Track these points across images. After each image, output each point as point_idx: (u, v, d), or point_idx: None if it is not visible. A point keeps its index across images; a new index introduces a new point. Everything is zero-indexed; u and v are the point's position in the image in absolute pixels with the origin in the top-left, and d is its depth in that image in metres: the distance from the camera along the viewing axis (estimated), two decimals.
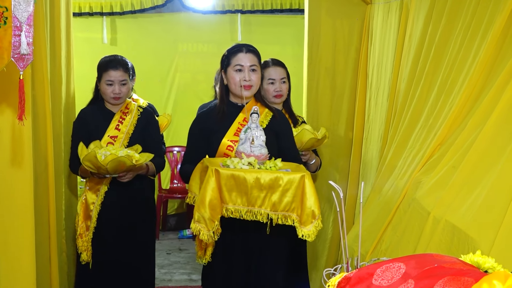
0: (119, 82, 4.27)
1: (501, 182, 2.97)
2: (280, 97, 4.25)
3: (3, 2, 2.45)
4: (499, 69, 3.26)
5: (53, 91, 4.42)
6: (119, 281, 4.35)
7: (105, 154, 3.96)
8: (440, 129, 3.61)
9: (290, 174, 3.12)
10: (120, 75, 4.29)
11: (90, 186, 4.34)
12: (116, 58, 4.40)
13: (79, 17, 7.70)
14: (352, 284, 1.94)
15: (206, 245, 3.37)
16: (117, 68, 4.29)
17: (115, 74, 4.27)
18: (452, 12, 3.81)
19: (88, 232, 4.29)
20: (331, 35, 5.32)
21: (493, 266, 1.97)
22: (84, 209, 4.33)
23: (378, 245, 3.83)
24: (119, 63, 4.33)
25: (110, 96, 4.29)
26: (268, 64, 4.33)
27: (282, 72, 4.30)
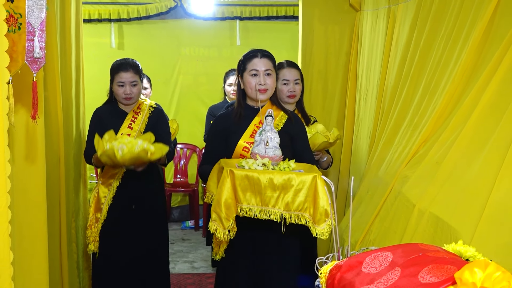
0: (130, 83, 4.27)
1: (481, 177, 2.97)
2: (293, 97, 4.18)
3: (17, 9, 2.44)
4: (479, 72, 3.26)
5: (64, 92, 4.42)
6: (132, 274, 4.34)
7: (121, 148, 3.90)
8: (424, 127, 3.61)
9: (302, 175, 3.04)
10: (131, 76, 4.29)
11: (102, 181, 4.33)
12: (127, 61, 4.38)
13: (89, 23, 7.70)
14: (343, 271, 1.94)
15: (220, 242, 3.35)
16: (127, 70, 4.29)
17: (126, 75, 4.27)
18: (435, 18, 3.81)
19: (97, 224, 4.29)
20: (323, 40, 5.33)
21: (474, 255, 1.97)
22: (95, 202, 4.33)
23: (367, 235, 3.83)
24: (129, 65, 4.32)
25: (122, 97, 4.29)
26: (283, 65, 4.29)
27: (296, 73, 4.25)
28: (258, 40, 7.80)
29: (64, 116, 4.39)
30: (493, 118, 3.09)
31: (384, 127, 4.33)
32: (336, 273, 1.96)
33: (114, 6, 7.95)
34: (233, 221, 3.04)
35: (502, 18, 3.20)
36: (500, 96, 3.10)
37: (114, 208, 4.30)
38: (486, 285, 1.56)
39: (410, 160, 3.68)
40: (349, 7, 5.27)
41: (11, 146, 2.49)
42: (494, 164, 2.93)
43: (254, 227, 3.25)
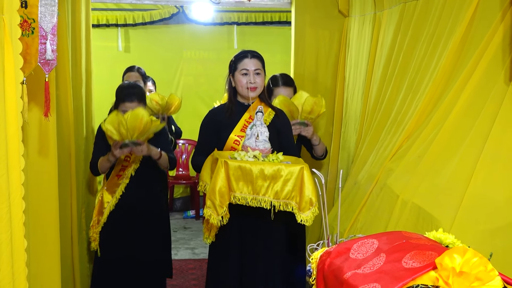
0: None
1: (460, 170, 2.97)
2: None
3: (30, 14, 2.43)
4: (458, 74, 3.26)
5: (75, 91, 4.41)
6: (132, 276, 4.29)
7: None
8: (407, 124, 3.60)
9: (290, 166, 3.11)
10: (135, 105, 4.12)
11: (107, 187, 4.28)
12: (133, 90, 4.22)
13: (97, 28, 7.69)
14: (332, 257, 1.94)
15: (211, 227, 3.36)
16: (132, 100, 4.14)
17: (131, 105, 4.11)
18: (417, 24, 3.81)
19: (98, 225, 4.27)
20: (314, 43, 5.32)
21: (453, 242, 1.96)
22: (99, 205, 4.30)
23: (355, 223, 3.83)
24: (134, 95, 4.17)
25: None
26: (277, 83, 4.28)
27: (290, 92, 4.25)
28: (254, 44, 7.79)
29: (75, 114, 4.38)
30: (470, 116, 3.09)
31: (370, 124, 4.33)
32: (326, 259, 1.95)
33: (121, 12, 7.95)
34: (226, 208, 3.08)
35: (478, 24, 3.20)
36: (476, 96, 3.11)
37: (114, 213, 4.24)
38: (464, 270, 1.56)
39: (394, 154, 3.67)
40: (338, 13, 5.27)
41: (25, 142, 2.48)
42: (472, 158, 2.93)
43: (244, 214, 3.28)
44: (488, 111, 2.98)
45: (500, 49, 3.03)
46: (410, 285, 1.63)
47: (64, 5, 3.97)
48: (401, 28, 4.03)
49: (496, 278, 1.56)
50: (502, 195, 2.79)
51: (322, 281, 1.95)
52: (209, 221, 3.15)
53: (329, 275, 1.90)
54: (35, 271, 2.88)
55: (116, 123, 3.82)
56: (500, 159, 2.87)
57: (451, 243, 1.96)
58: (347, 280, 1.75)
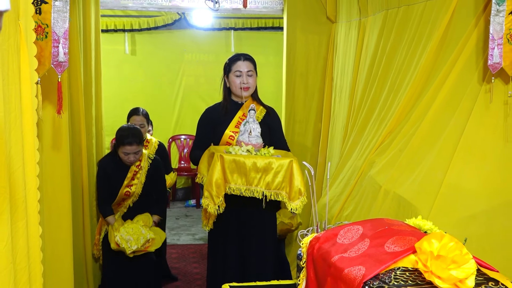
0: (133, 154, 4.19)
1: (437, 162, 2.97)
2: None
3: (44, 20, 2.43)
4: (436, 74, 3.26)
5: (86, 90, 4.40)
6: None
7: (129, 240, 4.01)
8: (389, 121, 3.60)
9: (280, 159, 3.14)
10: (135, 148, 4.17)
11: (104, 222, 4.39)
12: (132, 134, 4.21)
13: (106, 33, 7.66)
14: (321, 242, 1.94)
15: (209, 216, 3.36)
16: (132, 144, 4.15)
17: (130, 148, 4.16)
18: (399, 29, 3.80)
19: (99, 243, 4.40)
20: (304, 47, 5.32)
21: (431, 228, 1.97)
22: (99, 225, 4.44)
23: (341, 211, 3.83)
24: (133, 139, 4.17)
25: (126, 162, 4.22)
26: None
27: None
28: (249, 47, 7.79)
29: (86, 111, 4.38)
30: (447, 113, 3.10)
31: (355, 120, 4.33)
32: (315, 244, 1.95)
33: (128, 18, 7.93)
34: (222, 198, 3.13)
35: (454, 30, 3.20)
36: (453, 94, 3.11)
37: None
38: (441, 254, 1.56)
39: (377, 148, 3.67)
40: (326, 19, 5.26)
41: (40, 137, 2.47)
42: (448, 151, 2.94)
43: (239, 203, 3.31)
44: (463, 109, 2.99)
45: (474, 52, 3.03)
46: (392, 267, 1.63)
47: (75, 12, 3.96)
48: (384, 33, 4.03)
49: (471, 261, 1.57)
50: (475, 185, 2.80)
51: (311, 264, 1.95)
52: (207, 210, 3.18)
53: (318, 258, 1.90)
54: (49, 256, 2.87)
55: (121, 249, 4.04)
56: (474, 152, 2.88)
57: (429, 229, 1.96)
58: (335, 263, 1.75)
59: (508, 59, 2.74)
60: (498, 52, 2.74)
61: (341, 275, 1.68)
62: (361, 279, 1.59)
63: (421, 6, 3.52)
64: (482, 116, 2.90)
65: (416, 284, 1.56)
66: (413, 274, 1.60)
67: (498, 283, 1.60)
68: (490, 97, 2.85)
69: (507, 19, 2.73)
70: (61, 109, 2.61)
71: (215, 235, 3.57)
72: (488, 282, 1.60)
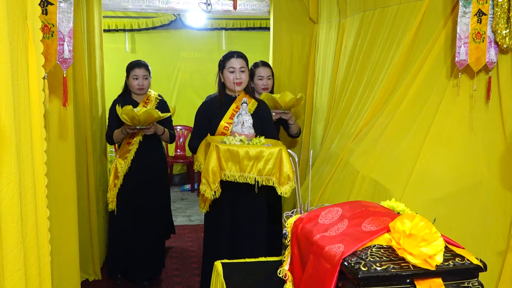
0: (142, 77, 4.25)
1: (409, 150, 2.98)
2: (266, 89, 4.24)
3: (50, 20, 2.40)
4: (408, 70, 3.26)
5: (90, 85, 4.38)
6: (141, 222, 4.30)
7: (137, 110, 3.94)
8: (366, 113, 3.60)
9: (271, 148, 3.15)
10: (143, 71, 4.27)
11: (120, 155, 4.29)
12: (140, 61, 4.36)
13: (108, 33, 7.61)
14: (304, 222, 1.94)
15: (205, 200, 3.39)
16: (140, 67, 4.28)
17: (139, 71, 4.25)
18: (374, 30, 3.80)
19: (115, 188, 4.27)
20: (289, 46, 5.31)
21: (404, 209, 1.97)
22: (114, 171, 4.30)
23: (323, 195, 3.83)
24: (142, 64, 4.31)
25: (136, 88, 4.25)
26: (258, 65, 4.34)
27: (269, 71, 4.29)
28: (239, 46, 7.72)
29: (90, 104, 4.35)
30: (418, 105, 3.10)
31: (335, 112, 4.33)
32: (299, 224, 1.95)
33: (128, 19, 7.87)
34: (218, 184, 3.13)
35: (425, 30, 3.20)
36: (423, 89, 3.12)
37: (128, 176, 4.26)
38: (413, 232, 1.56)
39: (355, 137, 3.67)
40: (309, 20, 5.25)
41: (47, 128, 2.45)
42: (419, 140, 2.95)
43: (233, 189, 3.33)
44: (433, 102, 3.00)
45: (443, 50, 3.03)
46: (368, 245, 1.63)
47: (79, 13, 3.93)
48: (361, 33, 4.02)
49: (439, 239, 1.57)
50: (443, 171, 2.81)
51: (295, 242, 1.95)
52: (204, 195, 3.19)
53: (301, 237, 1.90)
54: (56, 236, 2.87)
55: (131, 117, 3.89)
56: (442, 141, 2.89)
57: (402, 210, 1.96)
58: (316, 242, 1.75)
59: (473, 56, 2.74)
60: (464, 50, 2.75)
61: (322, 252, 1.68)
62: (340, 256, 1.59)
63: (395, 8, 3.52)
64: (450, 108, 2.90)
65: (390, 260, 1.56)
66: (387, 251, 1.60)
67: (464, 259, 1.61)
68: (457, 91, 2.85)
69: (473, 20, 2.73)
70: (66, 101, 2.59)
71: (211, 217, 3.58)
72: (455, 258, 1.60)
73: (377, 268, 1.52)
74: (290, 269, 1.99)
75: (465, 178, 2.75)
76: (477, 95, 2.81)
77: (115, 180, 4.29)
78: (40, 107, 2.02)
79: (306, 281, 1.77)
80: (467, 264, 1.59)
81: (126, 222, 4.29)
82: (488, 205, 2.68)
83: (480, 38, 2.74)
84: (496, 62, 2.74)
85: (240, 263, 2.46)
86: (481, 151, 2.77)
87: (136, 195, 4.28)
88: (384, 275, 1.51)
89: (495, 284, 2.53)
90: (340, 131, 4.04)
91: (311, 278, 1.73)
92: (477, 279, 1.61)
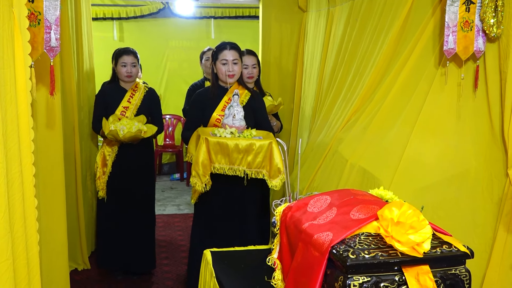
0: (130, 64, 4.19)
1: (397, 139, 2.99)
2: (251, 78, 4.15)
3: (37, 8, 2.37)
4: (396, 59, 3.27)
5: (78, 74, 4.34)
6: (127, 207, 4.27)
7: (122, 129, 3.99)
8: (355, 101, 3.61)
9: (261, 141, 3.13)
10: (131, 59, 4.21)
11: (107, 142, 4.25)
12: (128, 48, 4.31)
13: (96, 21, 7.54)
14: (293, 211, 1.94)
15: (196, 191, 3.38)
16: (129, 54, 4.21)
17: (127, 58, 4.19)
18: (363, 18, 3.80)
19: (104, 176, 4.23)
20: (278, 34, 5.30)
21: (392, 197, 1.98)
22: (102, 159, 4.26)
23: (312, 183, 3.85)
24: (130, 51, 4.25)
25: (124, 75, 4.19)
26: (243, 53, 4.19)
27: (253, 59, 4.21)
28: (227, 35, 7.74)
29: (78, 92, 4.32)
30: (406, 94, 3.11)
31: (324, 101, 4.33)
32: (288, 212, 1.96)
33: (116, 7, 7.82)
34: (209, 177, 3.13)
35: (413, 18, 3.20)
36: (411, 77, 3.12)
37: (116, 163, 4.23)
38: (401, 220, 1.57)
39: (344, 126, 3.68)
40: (298, 9, 5.24)
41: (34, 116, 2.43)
42: (407, 129, 2.96)
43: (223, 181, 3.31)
44: (421, 90, 3.00)
45: (431, 39, 3.04)
46: (356, 233, 1.64)
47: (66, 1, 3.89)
48: (350, 22, 4.02)
49: (427, 226, 1.58)
50: (431, 159, 2.83)
51: (284, 230, 1.95)
52: (194, 188, 3.19)
53: (290, 225, 1.90)
54: (44, 225, 2.85)
55: (116, 137, 4.00)
56: (430, 129, 2.90)
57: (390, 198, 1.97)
58: (305, 230, 1.75)
59: (461, 44, 2.75)
60: (452, 38, 2.75)
61: (311, 240, 1.68)
62: (329, 244, 1.60)
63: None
64: (438, 97, 2.91)
65: (378, 248, 1.57)
66: (376, 238, 1.61)
67: (451, 246, 1.62)
68: (445, 79, 2.86)
69: (461, 9, 2.73)
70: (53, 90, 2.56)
71: (200, 209, 3.58)
72: (442, 245, 1.61)
73: (365, 255, 1.53)
74: (279, 257, 2.00)
75: (453, 166, 2.77)
76: (465, 84, 2.82)
77: (103, 167, 4.25)
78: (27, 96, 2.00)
79: (295, 269, 1.77)
80: (454, 251, 1.60)
81: (115, 209, 4.26)
82: (475, 193, 2.70)
83: (468, 26, 2.75)
84: (484, 51, 2.75)
85: (229, 251, 2.46)
86: (469, 139, 2.78)
87: (125, 182, 4.25)
88: (372, 263, 1.52)
89: (483, 271, 2.56)
90: (329, 119, 4.05)
91: (300, 266, 1.74)
92: (464, 266, 1.63)
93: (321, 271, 1.60)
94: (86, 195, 4.58)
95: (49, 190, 2.97)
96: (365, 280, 1.52)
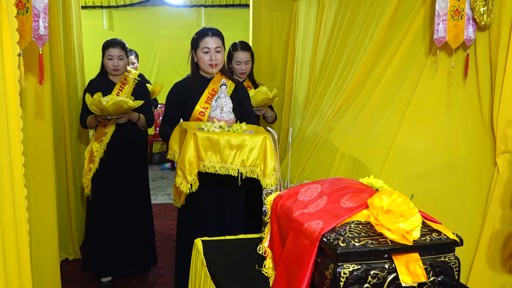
0: (117, 57, 4.00)
1: (388, 127, 3.00)
2: (244, 74, 3.98)
3: None
4: (387, 48, 3.27)
5: (67, 62, 4.30)
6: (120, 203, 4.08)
7: (106, 100, 3.70)
8: (346, 90, 3.61)
9: (254, 136, 2.85)
10: (118, 51, 3.99)
11: (96, 138, 4.09)
12: (115, 40, 4.10)
13: (85, 9, 7.51)
14: (284, 199, 1.94)
15: (180, 193, 3.07)
16: (115, 46, 4.00)
17: (114, 51, 3.97)
18: (354, 7, 3.79)
19: (90, 172, 4.04)
20: (269, 23, 5.29)
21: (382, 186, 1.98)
22: (89, 155, 4.08)
23: (302, 172, 3.85)
24: (117, 43, 4.04)
25: (111, 68, 3.99)
26: (237, 48, 4.03)
27: (247, 55, 3.99)
28: (218, 23, 7.70)
29: (68, 82, 4.28)
30: (397, 82, 3.12)
31: (315, 90, 4.33)
32: (279, 201, 1.96)
33: None
34: (196, 176, 2.81)
35: (404, 7, 3.20)
36: (402, 66, 3.13)
37: (104, 160, 4.02)
38: (391, 208, 1.58)
39: (335, 115, 3.69)
40: None
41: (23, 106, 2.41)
42: (397, 118, 2.97)
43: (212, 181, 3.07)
44: (411, 79, 3.01)
45: (421, 28, 3.04)
46: (347, 221, 1.64)
47: None
48: (341, 9, 4.01)
49: (416, 214, 1.59)
50: (421, 148, 2.84)
51: (275, 219, 1.95)
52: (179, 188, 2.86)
53: (281, 214, 1.90)
54: (34, 215, 2.84)
55: (100, 108, 3.67)
56: (420, 118, 2.91)
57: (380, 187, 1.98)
58: (296, 218, 1.75)
59: (451, 33, 2.75)
60: (443, 27, 2.75)
61: (302, 228, 1.68)
62: (319, 232, 1.60)
63: None
64: (428, 86, 2.92)
65: (368, 236, 1.57)
66: (366, 227, 1.62)
67: (441, 234, 1.63)
68: (435, 68, 2.87)
69: None
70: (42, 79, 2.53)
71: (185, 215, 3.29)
72: (432, 233, 1.62)
73: (355, 243, 1.53)
74: (269, 246, 2.00)
75: (443, 154, 2.78)
76: (455, 72, 2.83)
77: (90, 164, 4.05)
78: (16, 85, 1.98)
79: (285, 258, 1.78)
80: (443, 239, 1.61)
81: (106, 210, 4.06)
82: (465, 181, 2.72)
83: (459, 15, 2.75)
84: (474, 40, 2.76)
85: (220, 240, 2.46)
86: (459, 127, 2.80)
87: (112, 180, 4.05)
88: (363, 251, 1.53)
89: (471, 258, 2.58)
90: (319, 108, 4.05)
91: (291, 254, 1.74)
92: (454, 253, 1.64)
93: (312, 259, 1.61)
94: (76, 185, 4.55)
95: (39, 179, 2.96)
96: (356, 268, 1.53)
